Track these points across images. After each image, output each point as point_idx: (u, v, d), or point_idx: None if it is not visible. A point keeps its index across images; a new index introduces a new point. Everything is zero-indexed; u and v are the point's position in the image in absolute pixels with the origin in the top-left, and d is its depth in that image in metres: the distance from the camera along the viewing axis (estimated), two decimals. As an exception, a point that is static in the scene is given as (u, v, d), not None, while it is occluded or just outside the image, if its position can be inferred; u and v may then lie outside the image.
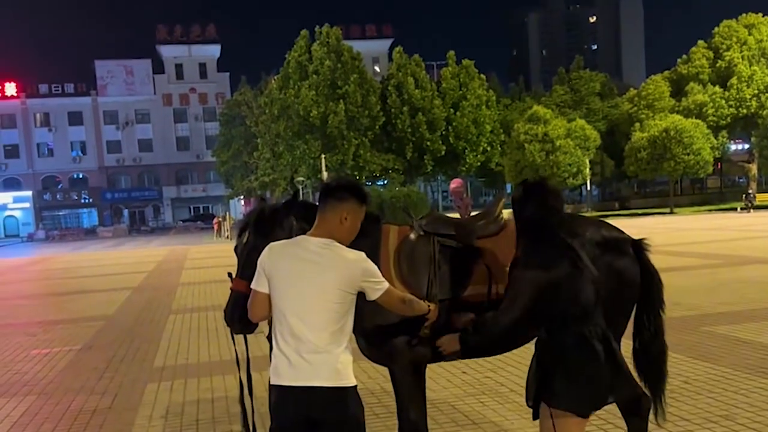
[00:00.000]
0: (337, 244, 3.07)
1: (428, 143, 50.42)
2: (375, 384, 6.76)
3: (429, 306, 3.44)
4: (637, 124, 47.46)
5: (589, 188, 55.50)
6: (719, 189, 57.33)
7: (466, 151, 51.59)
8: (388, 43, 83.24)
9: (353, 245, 3.23)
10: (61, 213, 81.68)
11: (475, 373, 7.10)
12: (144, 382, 7.60)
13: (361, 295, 3.11)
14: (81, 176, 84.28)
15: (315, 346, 2.94)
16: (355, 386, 3.04)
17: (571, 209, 54.41)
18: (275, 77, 53.82)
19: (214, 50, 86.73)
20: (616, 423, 4.82)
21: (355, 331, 3.92)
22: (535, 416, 3.24)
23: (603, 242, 3.91)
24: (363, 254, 3.10)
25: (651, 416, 4.07)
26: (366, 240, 3.84)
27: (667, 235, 25.02)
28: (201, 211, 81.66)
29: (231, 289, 3.47)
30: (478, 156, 52.08)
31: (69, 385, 7.69)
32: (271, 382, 3.02)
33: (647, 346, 4.06)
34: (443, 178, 59.05)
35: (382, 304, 3.19)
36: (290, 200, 3.77)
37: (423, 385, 3.96)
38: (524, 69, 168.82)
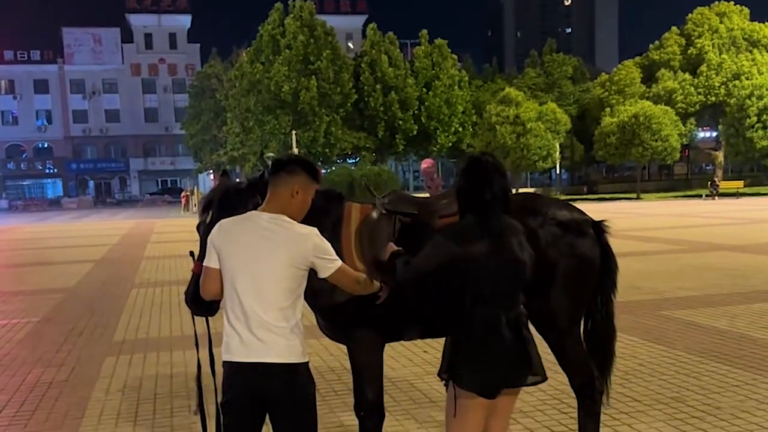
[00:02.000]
0: (289, 219, 3.03)
1: (400, 122, 50.31)
2: (336, 361, 6.77)
3: (381, 285, 3.40)
4: (608, 110, 47.83)
5: (558, 172, 55.94)
6: (686, 176, 58.13)
7: (438, 131, 51.56)
8: (362, 19, 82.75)
9: (316, 223, 3.20)
10: (25, 183, 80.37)
11: (436, 353, 7.08)
12: (102, 356, 7.53)
13: (316, 275, 3.09)
14: (46, 146, 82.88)
15: (265, 322, 2.92)
16: (306, 363, 3.03)
17: (540, 192, 54.92)
18: (246, 50, 53.19)
19: (184, 20, 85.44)
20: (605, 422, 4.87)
21: (313, 309, 3.92)
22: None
23: (564, 222, 3.94)
24: (315, 230, 3.06)
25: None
26: (328, 218, 3.82)
27: (632, 220, 25.34)
28: (169, 185, 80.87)
29: (192, 271, 3.39)
30: (450, 136, 52.09)
31: (26, 357, 7.60)
32: (223, 359, 3.00)
33: (598, 329, 4.10)
34: (414, 158, 59.07)
35: (334, 283, 3.17)
36: (256, 179, 3.68)
37: (380, 364, 3.95)
38: (499, 50, 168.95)
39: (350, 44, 78.71)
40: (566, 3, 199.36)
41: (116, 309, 10.38)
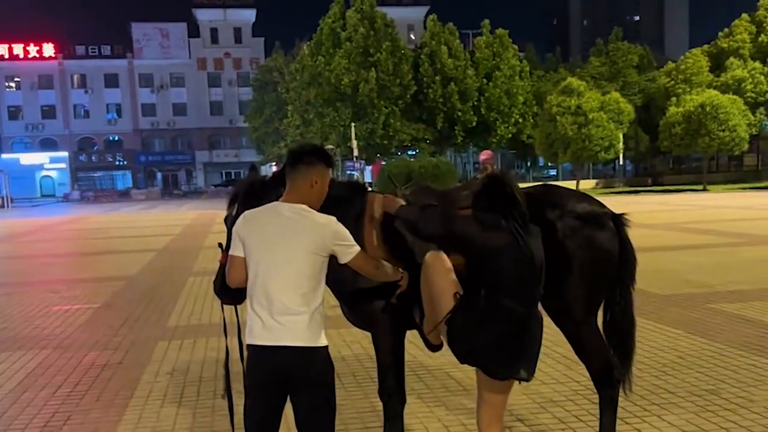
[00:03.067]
0: (309, 208, 3.19)
1: (459, 114, 50.11)
2: (360, 348, 6.95)
3: (402, 273, 3.55)
4: (674, 99, 46.65)
5: (621, 163, 54.83)
6: (756, 167, 56.22)
7: (498, 122, 51.19)
8: (424, 10, 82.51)
9: (341, 213, 3.37)
10: (96, 174, 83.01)
11: (475, 342, 7.22)
12: (155, 340, 7.86)
13: (338, 262, 3.25)
14: (116, 138, 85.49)
15: (287, 307, 3.08)
16: (326, 347, 3.18)
17: (603, 184, 53.94)
18: (308, 44, 53.75)
19: (249, 15, 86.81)
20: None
21: (338, 297, 4.08)
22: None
23: (584, 215, 3.99)
24: (333, 218, 3.22)
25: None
26: (352, 208, 3.96)
27: (694, 212, 24.75)
28: (232, 176, 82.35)
29: (220, 262, 3.55)
30: (510, 128, 51.65)
31: (84, 341, 7.98)
32: (246, 342, 3.18)
33: (617, 320, 4.14)
34: (474, 149, 58.76)
35: (355, 269, 3.32)
36: (279, 173, 3.77)
37: (401, 350, 4.08)
38: (564, 39, 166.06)
39: (412, 35, 78.72)
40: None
41: (173, 296, 10.76)
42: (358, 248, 3.26)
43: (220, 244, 3.66)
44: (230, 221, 3.63)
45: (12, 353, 7.48)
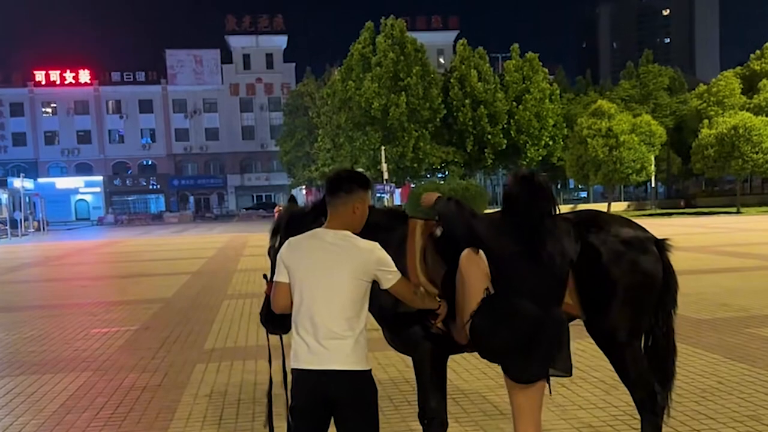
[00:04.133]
0: (352, 235, 3.28)
1: (489, 136, 50.16)
2: (410, 373, 6.95)
3: (440, 302, 3.61)
4: (706, 121, 46.23)
5: (654, 185, 54.34)
6: (791, 189, 55.45)
7: (528, 144, 51.13)
8: (453, 35, 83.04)
9: (383, 240, 3.44)
10: (129, 198, 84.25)
11: (510, 366, 7.22)
12: (193, 363, 7.96)
13: (380, 288, 3.32)
14: (150, 163, 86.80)
15: (332, 332, 3.15)
16: (369, 370, 3.24)
17: (635, 206, 53.48)
18: (338, 69, 54.30)
19: (281, 41, 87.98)
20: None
21: (379, 321, 4.13)
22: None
23: (628, 240, 4.03)
24: (377, 244, 3.30)
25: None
26: (393, 234, 4.03)
27: (727, 235, 24.44)
28: (264, 200, 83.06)
29: (265, 293, 3.60)
30: (540, 150, 51.54)
31: (123, 363, 8.11)
32: (292, 366, 3.25)
33: (658, 344, 4.17)
34: (504, 172, 58.69)
35: (395, 294, 3.38)
36: (319, 202, 3.87)
37: (443, 375, 4.11)
38: (594, 62, 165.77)
39: (441, 59, 79.14)
40: (665, 13, 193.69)
41: (208, 319, 10.88)
42: (399, 275, 3.33)
43: (264, 276, 3.70)
44: (273, 252, 3.70)
45: (54, 375, 7.62)
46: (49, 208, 64.45)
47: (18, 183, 57.76)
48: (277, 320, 3.54)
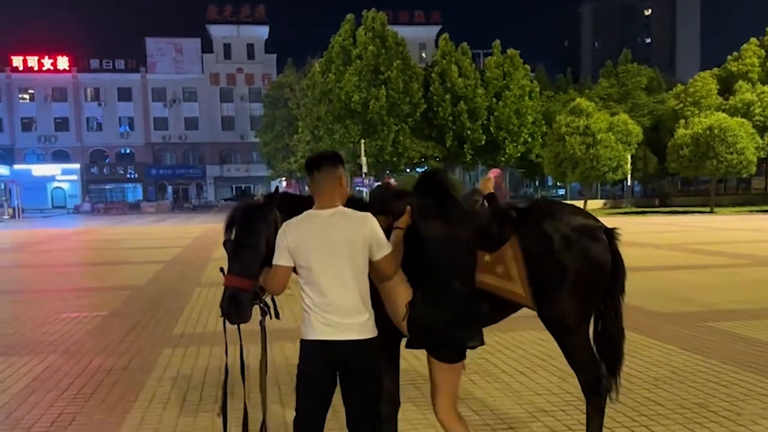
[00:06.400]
0: (344, 209, 3.43)
1: (469, 132, 50.36)
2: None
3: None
4: (682, 121, 46.75)
5: (629, 183, 54.86)
6: (765, 190, 56.15)
7: (507, 141, 51.37)
8: (436, 29, 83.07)
9: None
10: (107, 187, 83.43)
11: (474, 354, 7.27)
12: (161, 347, 8.03)
13: None
14: (128, 151, 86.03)
15: (347, 306, 3.34)
16: (377, 336, 3.43)
17: (611, 204, 53.99)
18: (318, 61, 54.21)
19: (262, 31, 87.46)
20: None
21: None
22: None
23: (579, 228, 4.17)
24: (368, 214, 3.46)
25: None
26: None
27: (701, 233, 24.80)
28: (243, 191, 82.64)
29: (224, 285, 3.68)
30: (519, 147, 51.82)
31: (91, 347, 8.16)
32: (306, 338, 3.38)
33: (607, 330, 4.30)
34: (483, 168, 58.97)
35: (381, 269, 3.46)
36: (271, 194, 3.95)
37: (395, 357, 4.21)
38: (575, 60, 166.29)
39: (423, 54, 79.20)
40: (646, 12, 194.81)
41: (179, 306, 10.93)
42: (390, 247, 3.47)
43: (222, 269, 3.75)
44: (229, 246, 3.73)
45: (20, 357, 7.66)
46: (24, 195, 63.80)
47: (-7, 169, 57.21)
48: (238, 312, 3.62)
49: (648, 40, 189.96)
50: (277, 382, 6.31)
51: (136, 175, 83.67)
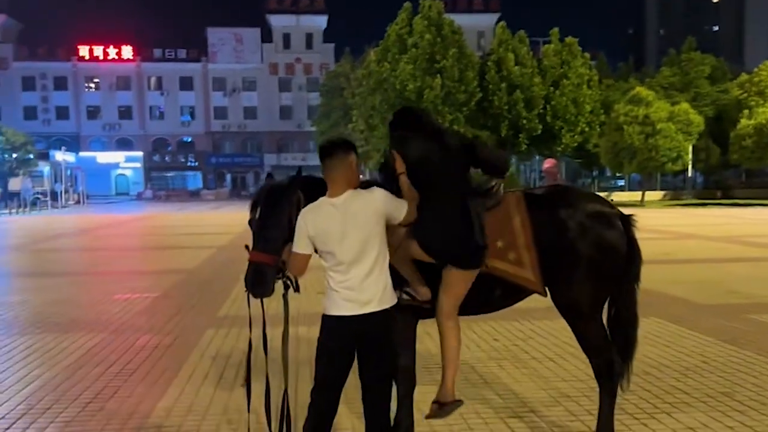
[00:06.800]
0: (353, 191, 3.59)
1: (524, 121, 49.80)
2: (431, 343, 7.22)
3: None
4: (746, 111, 45.42)
5: (690, 174, 53.55)
6: (833, 182, 54.17)
7: (563, 130, 50.59)
8: (495, 17, 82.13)
9: None
10: (168, 174, 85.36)
11: (505, 341, 7.46)
12: (205, 328, 8.34)
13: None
14: (188, 140, 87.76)
15: (365, 280, 3.53)
16: (395, 304, 3.67)
17: (671, 195, 52.84)
18: (374, 50, 54.28)
19: (321, 21, 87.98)
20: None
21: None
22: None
23: (594, 214, 4.24)
24: (374, 186, 3.66)
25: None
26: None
27: (760, 227, 24.15)
28: (270, 174, 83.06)
29: (249, 260, 3.93)
30: (576, 136, 50.98)
31: (139, 326, 8.53)
32: (330, 314, 3.58)
33: (621, 316, 4.37)
34: (538, 158, 58.30)
35: (406, 221, 3.74)
36: (294, 176, 4.12)
37: (413, 337, 4.35)
38: (639, 48, 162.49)
39: (482, 42, 78.62)
40: (714, 0, 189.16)
41: (226, 289, 11.26)
42: (404, 203, 3.72)
43: (246, 246, 4.00)
44: (254, 224, 3.98)
45: (73, 334, 8.06)
46: (89, 182, 65.87)
47: (60, 156, 59.13)
48: (261, 286, 3.88)
49: (715, 28, 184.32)
50: (296, 360, 6.51)
51: (196, 163, 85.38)
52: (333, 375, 3.62)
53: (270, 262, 3.86)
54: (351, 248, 3.51)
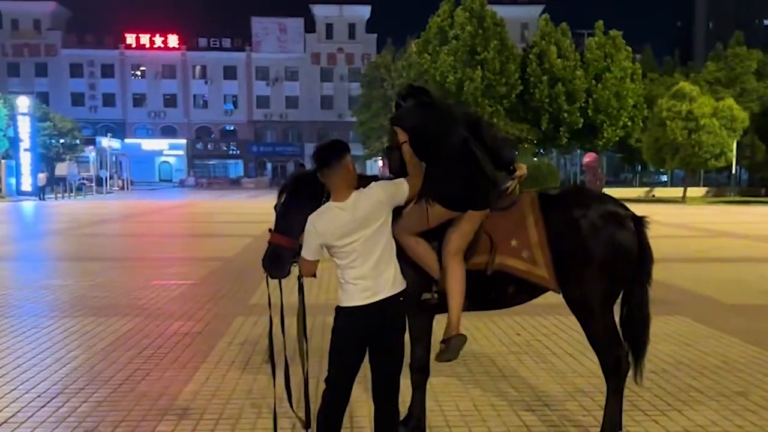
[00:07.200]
0: (355, 192, 3.74)
1: (566, 115, 49.31)
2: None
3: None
4: (793, 107, 44.40)
5: (734, 171, 52.56)
6: None
7: (605, 124, 49.98)
8: (539, 9, 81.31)
9: None
10: (210, 162, 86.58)
11: (528, 335, 7.57)
12: (235, 315, 8.59)
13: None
14: (231, 128, 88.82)
15: (377, 273, 3.70)
16: (405, 288, 3.82)
17: (714, 192, 51.94)
18: (416, 41, 54.22)
19: (364, 11, 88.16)
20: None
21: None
22: None
23: (606, 215, 4.34)
24: (371, 183, 3.85)
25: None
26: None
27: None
28: (302, 163, 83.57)
29: (269, 241, 4.24)
30: (618, 131, 50.32)
31: (173, 312, 8.82)
32: (345, 305, 3.75)
33: (632, 315, 4.46)
34: (579, 152, 57.70)
35: (411, 193, 3.97)
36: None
37: (428, 330, 4.50)
38: (687, 42, 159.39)
39: (525, 34, 77.97)
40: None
41: (259, 278, 11.39)
42: (404, 182, 3.94)
43: (270, 229, 4.29)
44: (278, 209, 4.27)
45: (108, 318, 8.37)
46: (134, 168, 67.18)
47: (106, 142, 60.47)
48: (279, 267, 4.20)
49: (766, 22, 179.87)
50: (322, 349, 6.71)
51: (238, 152, 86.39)
52: (346, 365, 3.78)
53: (287, 245, 4.14)
54: (363, 246, 3.67)
